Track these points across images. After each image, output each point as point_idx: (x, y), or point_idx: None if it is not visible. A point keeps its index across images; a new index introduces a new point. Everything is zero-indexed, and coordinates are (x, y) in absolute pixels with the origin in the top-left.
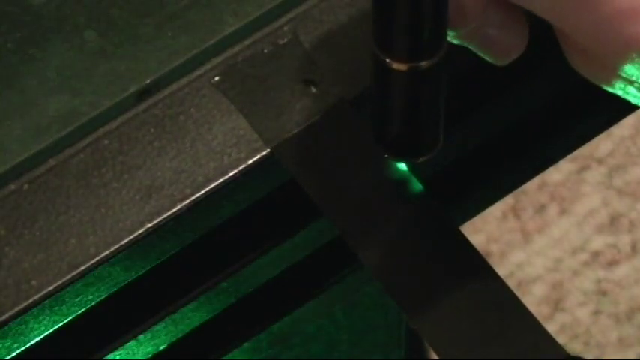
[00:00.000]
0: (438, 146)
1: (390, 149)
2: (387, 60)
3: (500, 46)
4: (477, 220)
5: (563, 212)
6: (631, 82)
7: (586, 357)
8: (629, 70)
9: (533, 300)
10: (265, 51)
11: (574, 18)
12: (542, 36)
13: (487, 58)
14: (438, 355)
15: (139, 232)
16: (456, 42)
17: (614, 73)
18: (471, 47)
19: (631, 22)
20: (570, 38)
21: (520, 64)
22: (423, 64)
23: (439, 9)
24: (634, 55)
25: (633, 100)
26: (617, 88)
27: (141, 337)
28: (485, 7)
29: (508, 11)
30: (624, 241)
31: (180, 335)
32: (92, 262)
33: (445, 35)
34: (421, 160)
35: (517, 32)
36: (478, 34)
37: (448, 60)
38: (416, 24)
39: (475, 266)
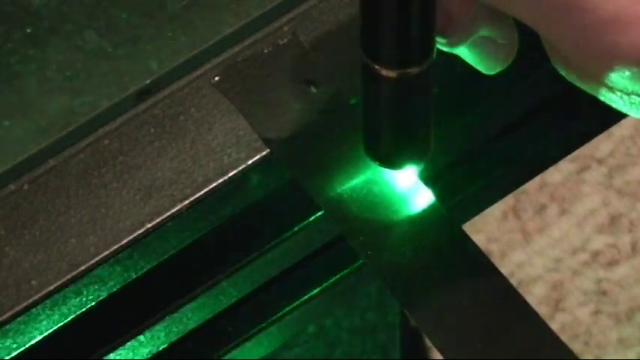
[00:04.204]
0: (428, 154)
1: (380, 157)
2: (376, 67)
3: (489, 55)
4: (477, 220)
5: (563, 212)
6: (613, 90)
7: (586, 357)
8: (612, 78)
9: (533, 300)
10: (265, 51)
11: (558, 26)
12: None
13: (477, 67)
14: (443, 354)
15: (139, 232)
16: (445, 50)
17: (597, 81)
18: (460, 55)
19: (614, 31)
20: (555, 45)
21: (520, 64)
22: (412, 70)
23: (427, 16)
24: (616, 63)
25: (616, 107)
26: (601, 95)
27: (141, 337)
28: (473, 15)
29: (497, 19)
30: (624, 241)
31: (180, 335)
32: (92, 262)
33: (433, 42)
34: (412, 167)
35: (506, 40)
36: (467, 42)
37: (436, 67)
38: (404, 31)
39: (479, 266)
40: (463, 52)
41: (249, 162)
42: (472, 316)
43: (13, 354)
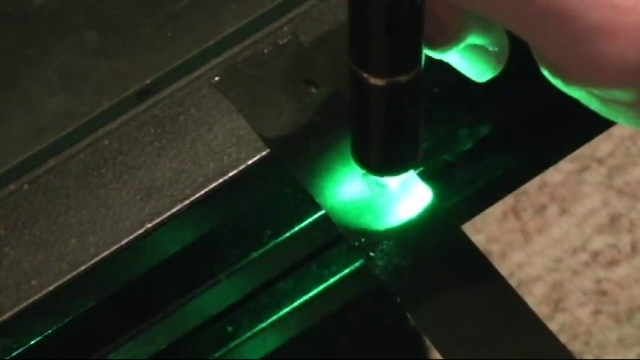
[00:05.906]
0: (417, 161)
1: (368, 165)
2: (365, 75)
3: (479, 62)
4: (477, 220)
5: (563, 212)
6: (599, 98)
7: (586, 357)
8: (597, 86)
9: (533, 300)
10: (265, 51)
11: (545, 34)
12: None
13: (467, 74)
14: (443, 355)
15: (139, 232)
16: (435, 57)
17: (583, 89)
18: (451, 63)
19: (599, 40)
20: (543, 53)
21: (520, 64)
22: (401, 78)
23: (415, 24)
24: (601, 73)
25: (602, 114)
26: (588, 102)
27: (141, 337)
28: (462, 22)
29: (486, 26)
30: (624, 241)
31: (180, 335)
32: (92, 262)
33: (422, 50)
34: (399, 176)
35: (496, 48)
36: (457, 49)
37: (426, 74)
38: (392, 40)
39: (479, 267)
40: (453, 59)
41: (249, 162)
42: (471, 316)
43: (13, 354)
